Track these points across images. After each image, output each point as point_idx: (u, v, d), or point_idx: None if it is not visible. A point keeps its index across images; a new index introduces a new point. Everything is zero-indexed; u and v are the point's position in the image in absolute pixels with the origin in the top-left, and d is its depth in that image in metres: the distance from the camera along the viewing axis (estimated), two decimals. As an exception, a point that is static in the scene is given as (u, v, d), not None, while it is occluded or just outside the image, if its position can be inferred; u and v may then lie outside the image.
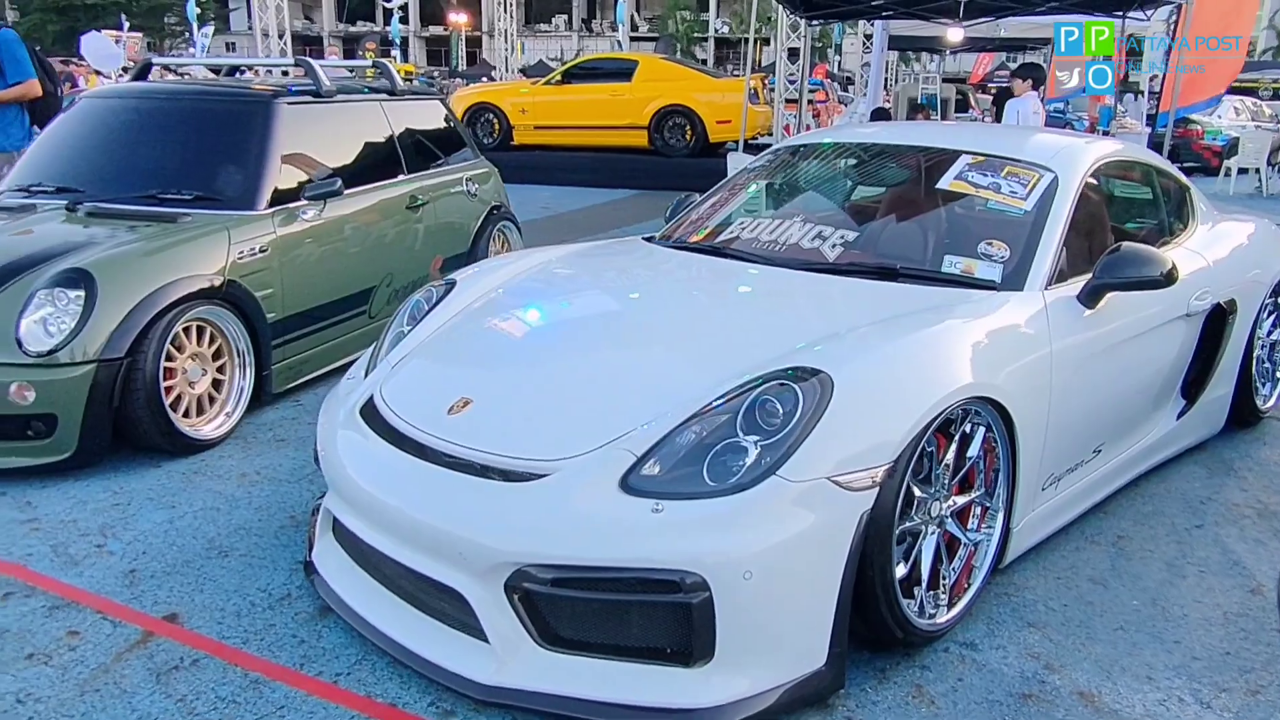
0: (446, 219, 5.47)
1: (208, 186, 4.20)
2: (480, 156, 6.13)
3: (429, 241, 5.31)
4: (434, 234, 5.34)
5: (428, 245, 5.30)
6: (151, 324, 3.52)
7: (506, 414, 2.50)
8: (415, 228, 5.17)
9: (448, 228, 5.49)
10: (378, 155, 5.05)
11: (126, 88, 4.84)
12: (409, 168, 5.23)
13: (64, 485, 3.45)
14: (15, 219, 3.99)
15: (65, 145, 4.57)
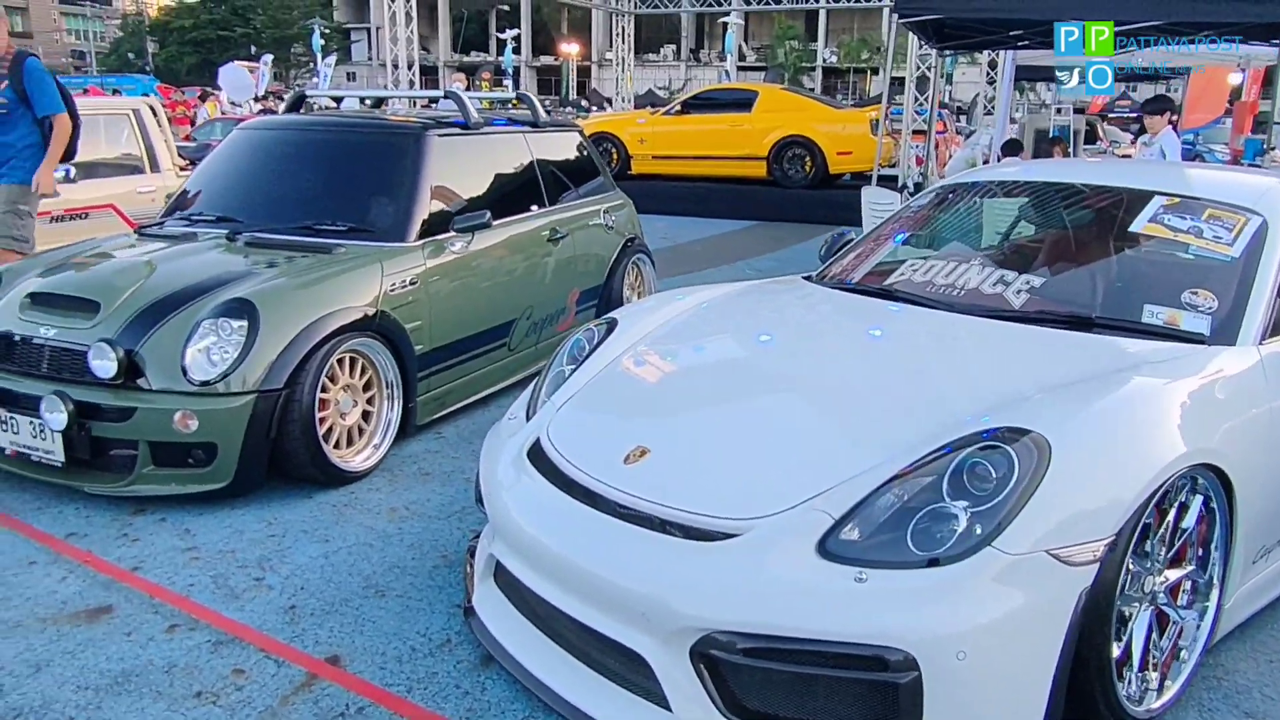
0: (584, 251, 5.43)
1: (360, 218, 4.23)
2: (616, 188, 6.09)
3: (567, 274, 5.27)
4: (572, 267, 5.30)
5: (566, 278, 5.26)
6: (309, 355, 3.53)
7: (687, 466, 2.38)
8: (555, 260, 5.13)
9: (585, 260, 5.45)
10: (520, 187, 5.04)
11: (281, 119, 4.95)
12: (549, 200, 5.21)
13: (221, 514, 3.47)
14: (178, 247, 4.08)
15: (223, 175, 4.69)
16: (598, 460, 2.48)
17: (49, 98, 5.19)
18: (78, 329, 3.48)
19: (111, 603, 2.87)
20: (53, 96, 5.21)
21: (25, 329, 3.59)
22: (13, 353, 3.61)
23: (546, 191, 5.21)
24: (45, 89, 5.18)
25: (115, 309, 3.50)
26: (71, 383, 3.44)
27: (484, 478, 2.78)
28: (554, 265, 5.14)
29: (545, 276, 5.07)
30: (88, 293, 3.59)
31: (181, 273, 3.78)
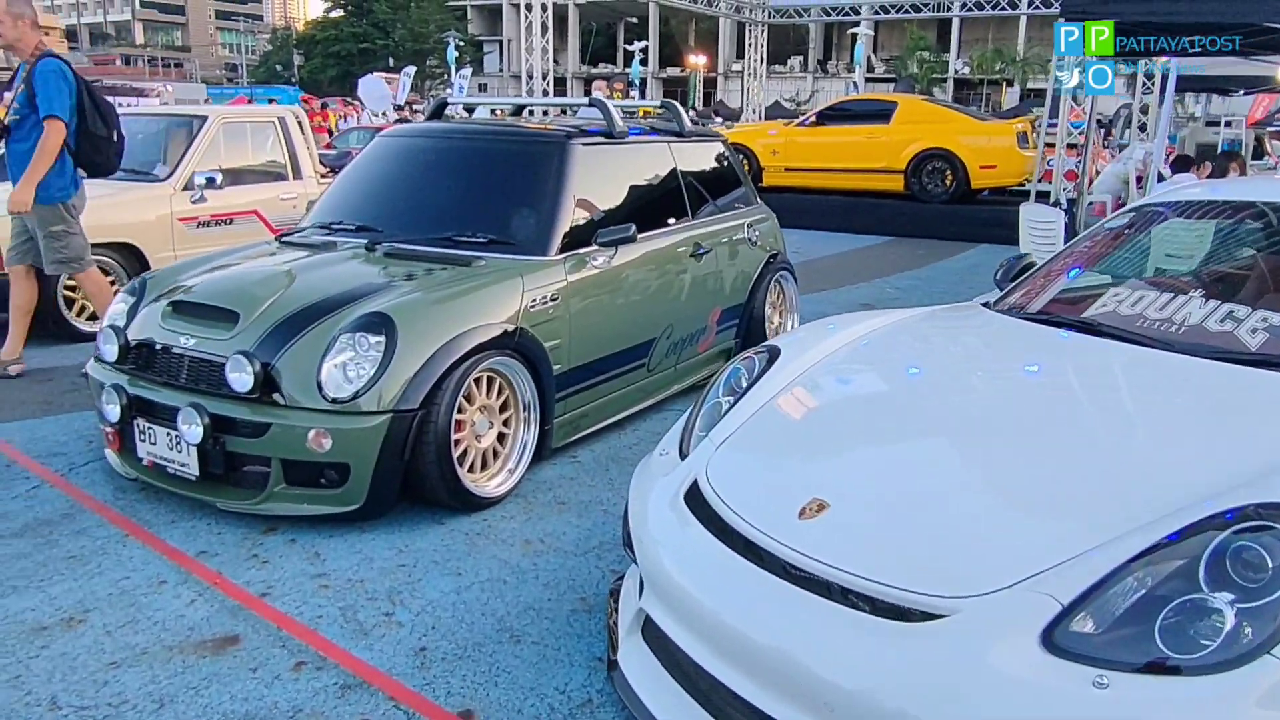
0: (727, 267, 5.15)
1: (501, 230, 4.05)
2: (759, 201, 5.79)
3: (709, 291, 4.99)
4: (714, 283, 5.03)
5: (708, 295, 4.99)
6: (447, 374, 3.35)
7: (874, 526, 2.06)
8: (697, 277, 4.86)
9: (727, 277, 5.16)
10: (664, 199, 4.80)
11: (422, 127, 4.83)
12: (692, 212, 4.95)
13: (350, 537, 3.31)
14: (317, 257, 3.97)
15: (363, 183, 4.60)
16: (767, 511, 2.19)
17: (45, 99, 4.77)
18: (216, 340, 3.39)
19: (239, 632, 2.72)
20: (49, 98, 4.77)
21: (166, 338, 3.52)
22: (153, 361, 3.55)
23: (690, 204, 4.95)
24: (45, 90, 4.76)
25: (253, 320, 3.40)
26: (208, 394, 3.35)
27: (633, 519, 2.52)
28: (696, 282, 4.87)
29: (686, 294, 4.80)
30: (227, 303, 3.50)
31: (320, 284, 3.66)
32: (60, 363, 5.59)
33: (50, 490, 3.71)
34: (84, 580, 3.00)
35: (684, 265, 4.76)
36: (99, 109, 5.11)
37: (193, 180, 6.46)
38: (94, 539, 3.30)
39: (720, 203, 5.29)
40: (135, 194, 6.40)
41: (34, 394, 4.96)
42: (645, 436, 4.43)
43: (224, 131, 6.88)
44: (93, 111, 5.07)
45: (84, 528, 3.38)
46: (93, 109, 5.07)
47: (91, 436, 4.27)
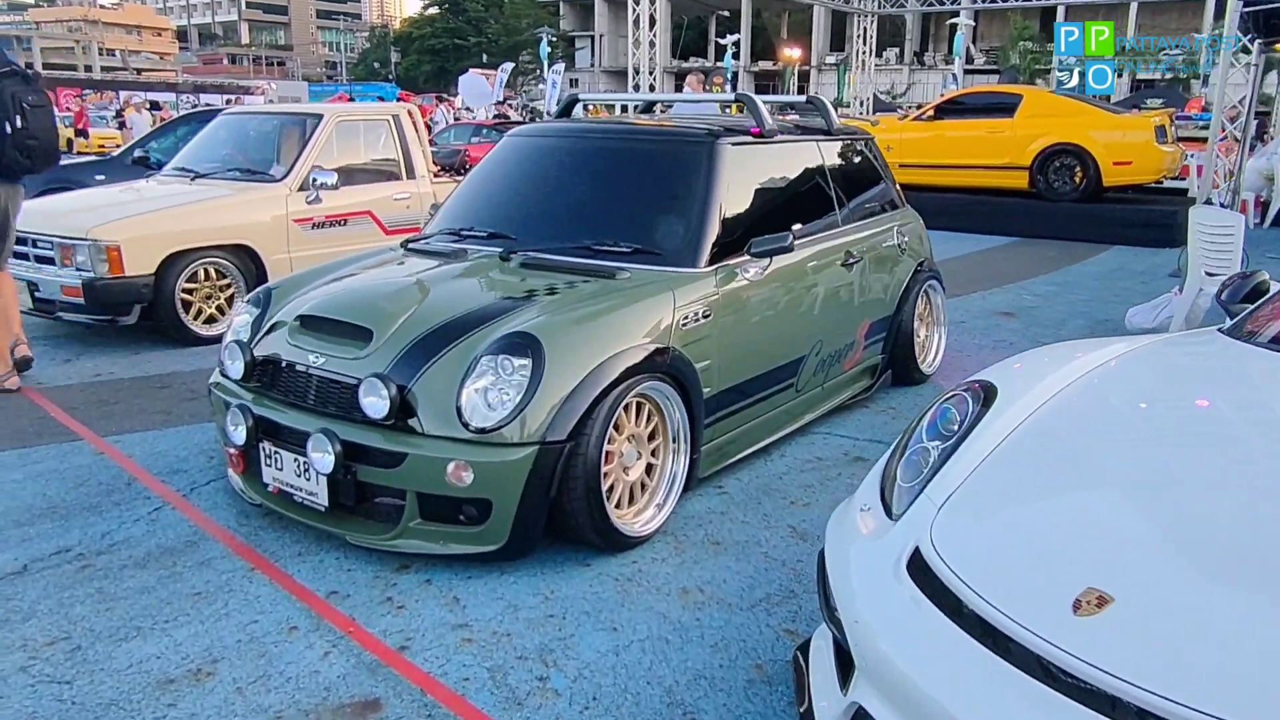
0: (876, 277, 4.72)
1: (645, 238, 3.71)
2: (905, 203, 5.34)
3: (859, 303, 4.58)
4: (864, 294, 4.61)
5: (857, 308, 4.57)
6: (597, 401, 3.02)
7: (1180, 630, 1.64)
8: (848, 287, 4.46)
9: (877, 287, 4.74)
10: (814, 204, 4.39)
11: (555, 126, 4.51)
12: (843, 218, 4.54)
13: (491, 580, 3.01)
14: (449, 268, 3.69)
15: (493, 186, 4.31)
16: (1024, 597, 1.78)
17: None
18: (348, 359, 3.12)
19: (379, 695, 2.43)
20: None
21: (294, 355, 3.27)
22: (279, 380, 3.31)
23: (839, 208, 4.54)
24: None
25: (388, 339, 3.12)
26: (339, 418, 3.08)
27: (837, 589, 2.14)
28: (846, 293, 4.47)
29: (837, 306, 4.40)
30: (359, 319, 3.23)
31: (456, 298, 3.37)
32: (177, 368, 5.46)
33: (172, 513, 3.50)
34: (211, 623, 2.76)
35: (835, 275, 4.35)
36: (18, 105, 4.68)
37: (309, 180, 6.29)
38: (219, 572, 3.06)
39: (869, 206, 4.86)
40: (251, 195, 6.26)
41: (153, 403, 4.82)
42: (794, 464, 4.05)
43: (339, 130, 6.70)
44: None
45: (208, 559, 3.15)
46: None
47: (213, 452, 4.08)
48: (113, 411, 4.67)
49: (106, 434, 4.35)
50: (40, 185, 9.22)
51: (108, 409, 4.71)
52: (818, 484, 3.86)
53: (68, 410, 4.68)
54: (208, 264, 5.94)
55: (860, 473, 3.92)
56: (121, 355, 5.71)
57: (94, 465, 3.97)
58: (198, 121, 10.46)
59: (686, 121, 4.44)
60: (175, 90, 46.57)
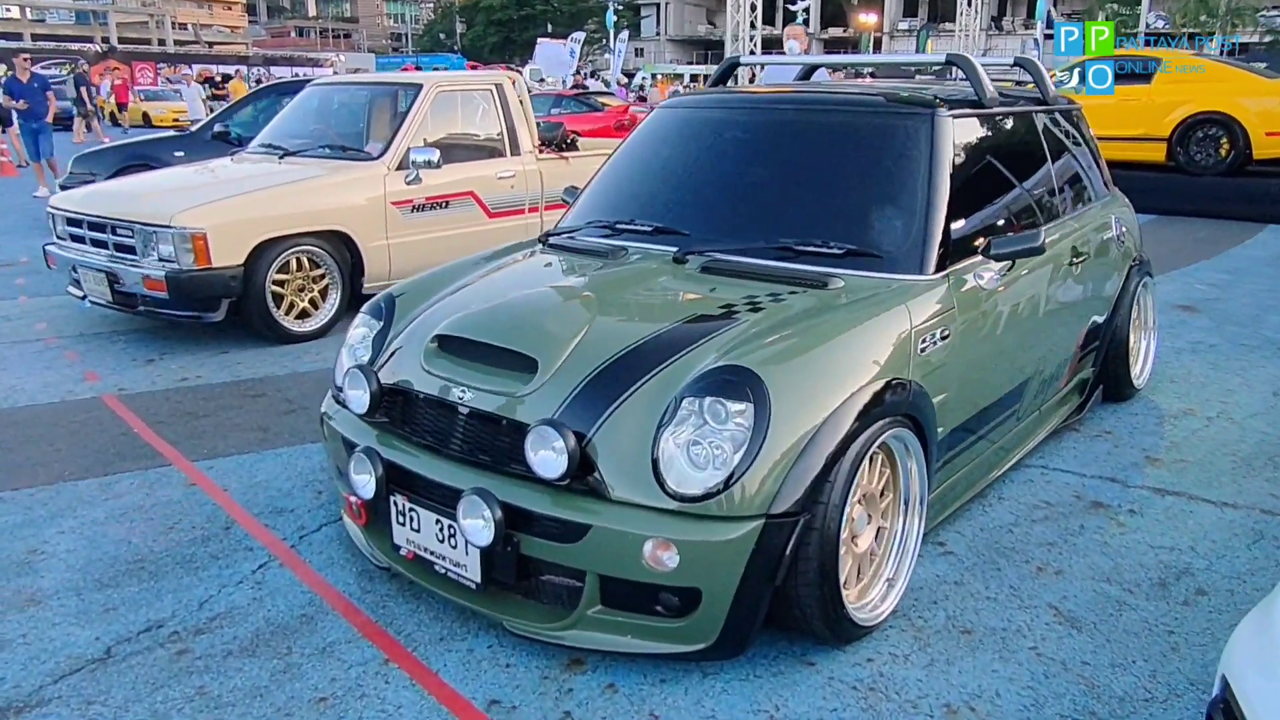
0: (1096, 276, 3.92)
1: (856, 235, 2.96)
2: (1114, 187, 4.51)
3: (1080, 309, 3.80)
4: (1085, 297, 3.82)
5: (1078, 314, 3.79)
6: (836, 457, 2.30)
7: None
8: (1072, 290, 3.67)
9: (1096, 288, 3.94)
10: (1040, 190, 3.60)
11: (721, 96, 3.75)
12: (1065, 207, 3.74)
13: (694, 687, 2.33)
14: (614, 273, 2.98)
15: (650, 169, 3.58)
16: None
17: None
18: (508, 396, 2.44)
19: None
20: None
21: (433, 386, 2.60)
22: (415, 417, 2.64)
23: (1060, 194, 3.74)
24: None
25: (558, 371, 2.43)
26: (496, 471, 2.41)
27: None
28: (1071, 297, 3.68)
29: (1062, 314, 3.62)
30: (518, 343, 2.54)
31: (635, 315, 2.68)
32: (271, 371, 4.87)
33: (280, 572, 2.88)
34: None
35: (1065, 276, 3.57)
36: None
37: (408, 159, 5.64)
38: (345, 665, 2.42)
39: (1085, 191, 4.05)
40: (346, 175, 5.63)
41: (247, 416, 4.22)
42: (1020, 512, 3.30)
43: (438, 101, 6.03)
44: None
45: (330, 643, 2.51)
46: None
47: (320, 485, 3.47)
48: (203, 428, 4.08)
49: (197, 457, 3.76)
50: (119, 162, 8.78)
51: (197, 424, 4.12)
52: (1059, 540, 3.10)
53: (153, 425, 4.10)
54: (300, 253, 5.32)
55: (1104, 524, 3.16)
56: (209, 355, 5.14)
57: (185, 501, 3.37)
58: (278, 94, 9.93)
59: (871, 88, 3.66)
60: (246, 63, 46.64)
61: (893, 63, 5.92)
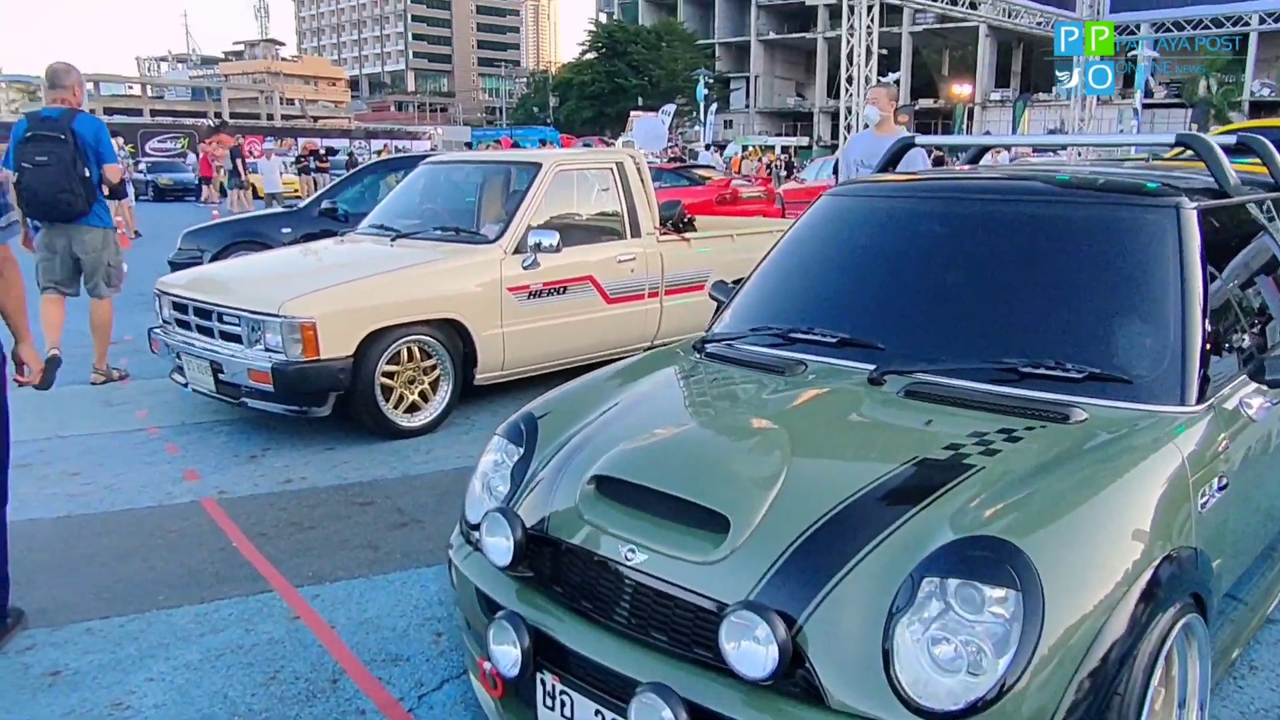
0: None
1: (1098, 356, 2.43)
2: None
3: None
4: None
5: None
6: (1124, 660, 1.76)
7: None
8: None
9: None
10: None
11: (905, 183, 3.27)
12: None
13: None
14: (796, 395, 2.49)
15: (823, 267, 3.11)
16: None
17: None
18: (692, 563, 1.96)
19: None
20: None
21: (592, 538, 2.14)
22: (567, 573, 2.18)
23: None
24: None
25: (754, 534, 1.94)
26: (676, 656, 1.93)
27: None
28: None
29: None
30: (701, 494, 2.06)
31: (838, 457, 2.20)
32: (379, 474, 4.49)
33: (398, 746, 2.42)
34: None
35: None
36: None
37: (525, 241, 5.30)
38: None
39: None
40: (460, 260, 5.31)
41: (356, 530, 3.83)
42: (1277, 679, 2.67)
43: (556, 180, 5.71)
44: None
45: None
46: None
47: (439, 625, 3.04)
48: (308, 543, 3.70)
49: (302, 581, 3.36)
50: (226, 239, 8.73)
51: (302, 538, 3.75)
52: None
53: (255, 538, 3.74)
54: (411, 342, 4.99)
55: None
56: (314, 452, 4.81)
57: (288, 640, 2.96)
58: (384, 171, 9.85)
59: (1087, 171, 3.14)
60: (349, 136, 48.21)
61: (1113, 144, 5.22)
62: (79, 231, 5.89)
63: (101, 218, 5.97)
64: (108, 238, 6.02)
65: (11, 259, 2.94)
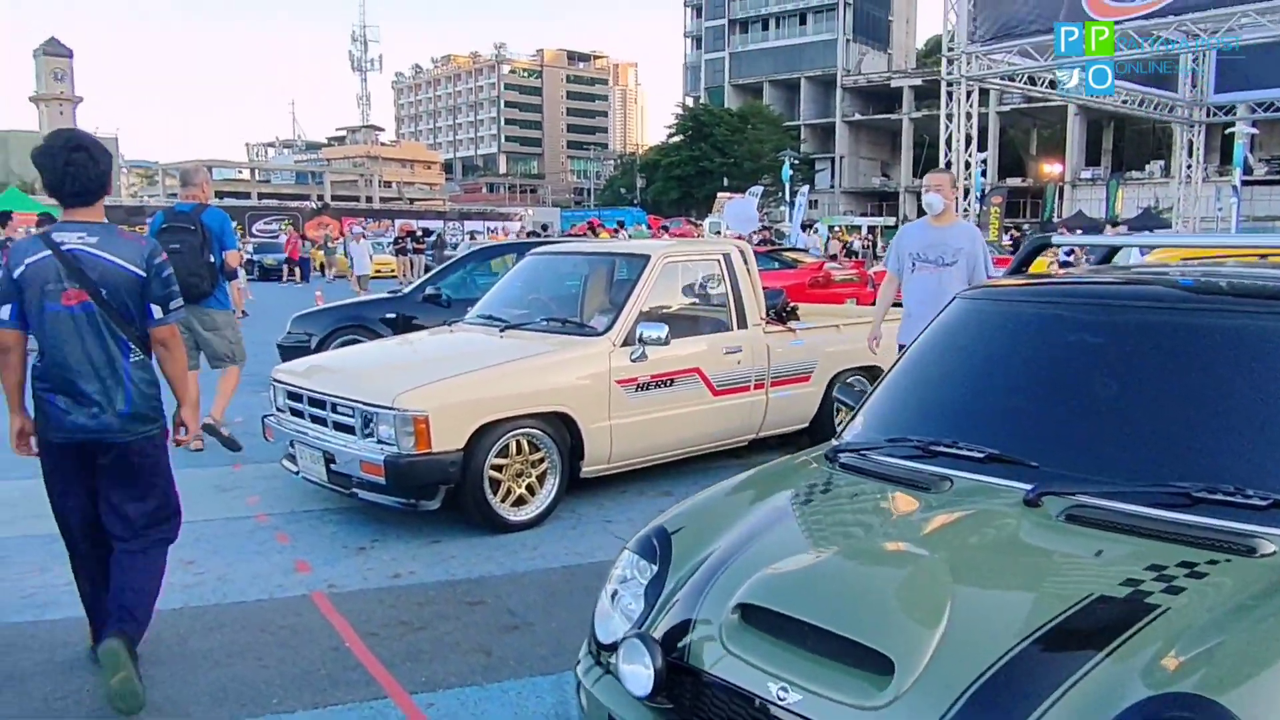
0: None
1: (1279, 478, 2.24)
2: None
3: None
4: None
5: None
6: None
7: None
8: None
9: None
10: None
11: (1053, 287, 3.10)
12: None
13: None
14: (949, 519, 2.34)
15: (965, 374, 2.98)
16: None
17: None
18: (854, 708, 1.82)
19: None
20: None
21: (739, 673, 2.01)
22: (711, 708, 2.06)
23: None
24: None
25: (920, 678, 1.80)
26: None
27: None
28: None
29: None
30: (861, 632, 1.93)
31: (1003, 590, 2.04)
32: (488, 570, 4.43)
33: None
34: None
35: None
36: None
37: (634, 334, 5.28)
38: None
39: None
40: (569, 352, 5.30)
41: (467, 632, 3.76)
42: None
43: (664, 272, 5.70)
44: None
45: None
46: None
47: (557, 744, 2.91)
48: (420, 644, 3.64)
49: (416, 687, 3.29)
50: (332, 324, 8.95)
51: (414, 639, 3.69)
52: None
53: (367, 637, 3.69)
54: (520, 435, 4.97)
55: None
56: (420, 544, 4.78)
57: (405, 754, 2.88)
58: (483, 256, 10.04)
59: (1259, 272, 2.95)
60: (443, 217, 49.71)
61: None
62: (202, 312, 6.44)
63: (221, 300, 6.63)
64: (228, 318, 6.74)
65: (177, 334, 3.40)
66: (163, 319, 3.26)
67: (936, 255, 5.48)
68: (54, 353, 3.16)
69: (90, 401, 3.16)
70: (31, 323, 3.17)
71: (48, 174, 3.18)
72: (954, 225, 5.67)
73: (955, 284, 5.14)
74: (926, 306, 5.06)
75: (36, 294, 3.13)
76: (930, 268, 5.49)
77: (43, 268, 3.14)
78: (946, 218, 5.62)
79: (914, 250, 5.60)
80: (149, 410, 3.29)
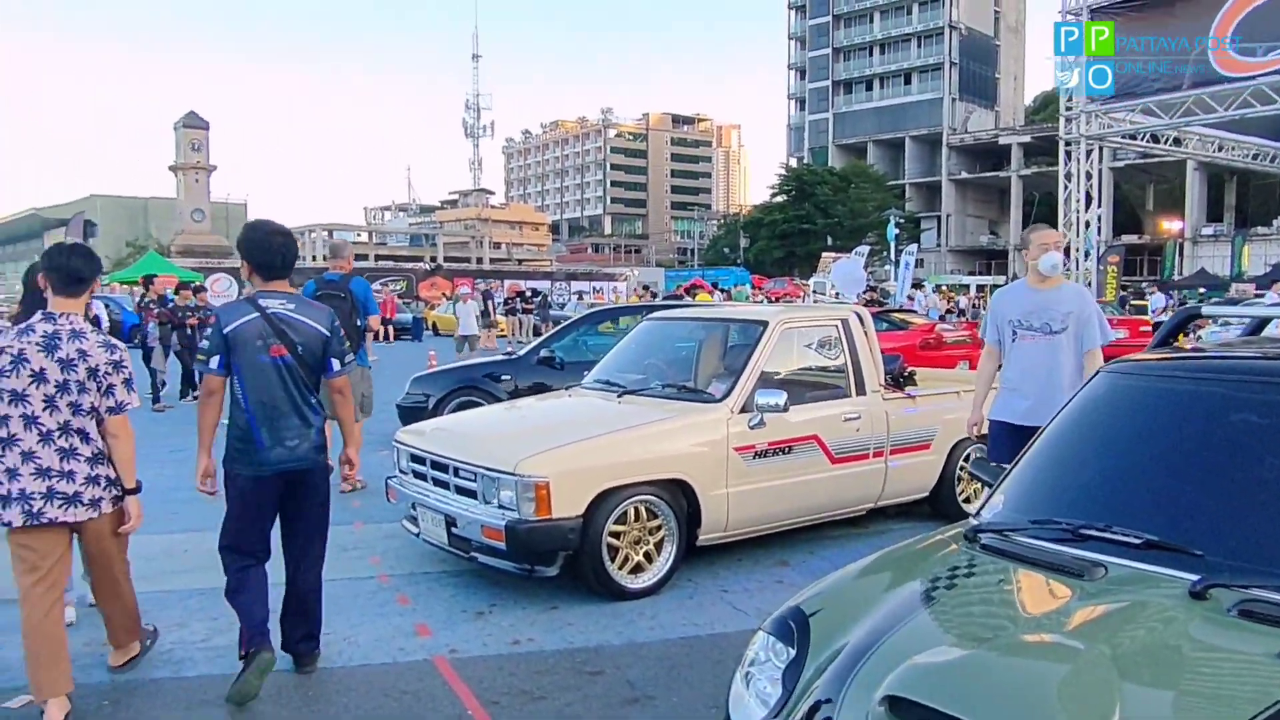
0: None
1: None
2: None
3: None
4: None
5: None
6: None
7: None
8: None
9: None
10: None
11: (1213, 362, 2.96)
12: None
13: None
14: (1109, 611, 2.22)
15: (1115, 454, 2.84)
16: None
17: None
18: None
19: None
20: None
21: (888, 771, 1.94)
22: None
23: None
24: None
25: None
26: None
27: None
28: None
29: None
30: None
31: (1175, 692, 1.91)
32: (605, 639, 4.41)
33: None
34: None
35: None
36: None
37: (752, 401, 5.24)
38: None
39: None
40: (687, 419, 5.30)
41: (588, 704, 3.72)
42: None
43: (782, 338, 5.67)
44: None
45: None
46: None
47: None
48: (541, 715, 3.63)
49: (539, 762, 3.26)
50: (449, 385, 9.16)
51: (534, 708, 3.68)
52: None
53: (488, 705, 3.70)
54: (638, 502, 4.96)
55: None
56: (538, 610, 4.79)
57: (532, 831, 2.84)
58: (594, 320, 10.17)
59: None
60: (550, 278, 50.73)
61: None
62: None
63: (362, 358, 7.27)
64: (366, 374, 7.59)
65: (349, 384, 4.09)
66: (340, 370, 3.92)
67: (1042, 322, 4.86)
68: (261, 394, 3.74)
69: (290, 436, 3.78)
70: (241, 372, 3.72)
71: (259, 253, 3.86)
72: (1060, 287, 5.02)
73: (1066, 353, 4.77)
74: (1032, 380, 4.76)
75: (247, 348, 3.70)
76: (1035, 335, 4.87)
77: (252, 327, 3.72)
78: (1052, 279, 5.03)
79: (1015, 317, 4.97)
80: (323, 443, 3.98)
